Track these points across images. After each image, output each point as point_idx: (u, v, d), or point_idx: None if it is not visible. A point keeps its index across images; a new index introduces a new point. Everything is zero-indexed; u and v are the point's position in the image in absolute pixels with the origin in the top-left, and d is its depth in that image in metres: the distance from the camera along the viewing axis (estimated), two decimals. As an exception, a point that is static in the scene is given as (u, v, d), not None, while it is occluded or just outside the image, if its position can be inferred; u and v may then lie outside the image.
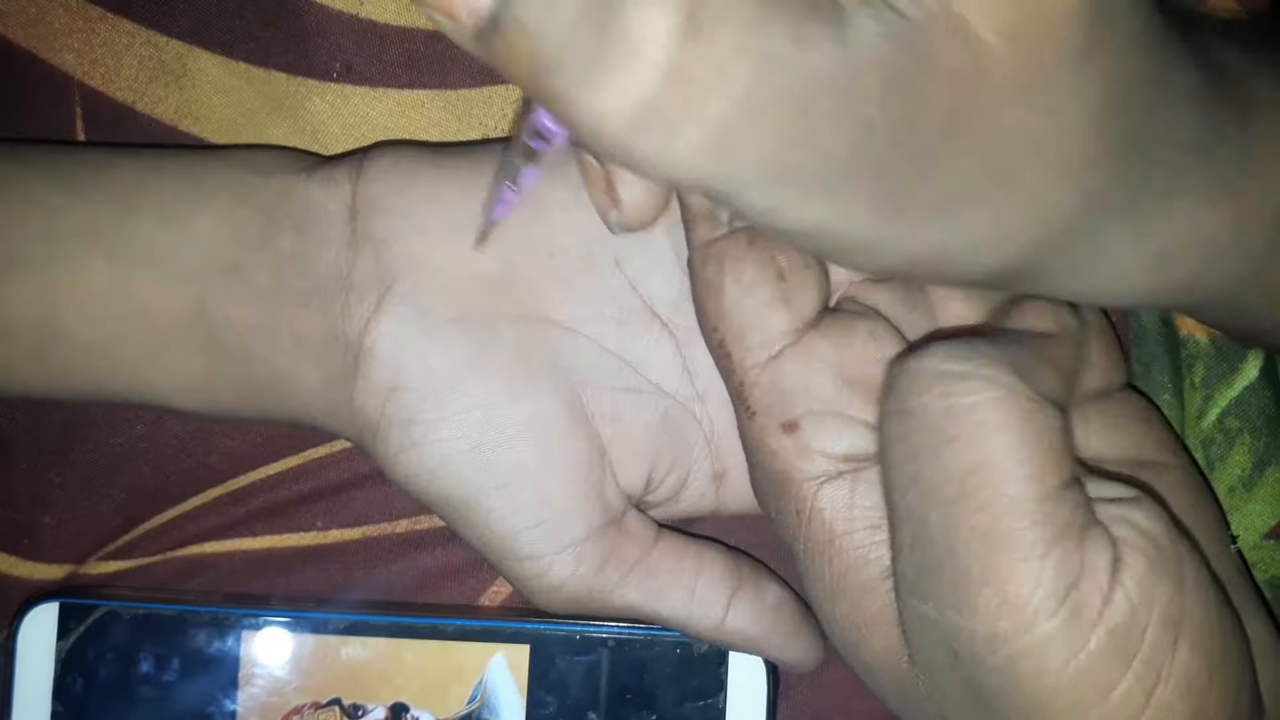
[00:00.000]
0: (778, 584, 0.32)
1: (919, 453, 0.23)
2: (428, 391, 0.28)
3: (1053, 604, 0.22)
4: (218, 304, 0.29)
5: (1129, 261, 0.25)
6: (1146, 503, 0.24)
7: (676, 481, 0.31)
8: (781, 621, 0.31)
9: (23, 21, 0.33)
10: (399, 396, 0.28)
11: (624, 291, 0.30)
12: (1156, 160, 0.23)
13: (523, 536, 0.29)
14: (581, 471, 0.29)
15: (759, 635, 0.31)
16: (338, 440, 0.34)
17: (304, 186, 0.29)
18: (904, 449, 0.24)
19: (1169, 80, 0.23)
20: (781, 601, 0.31)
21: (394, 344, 0.28)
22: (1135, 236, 0.24)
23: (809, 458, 0.26)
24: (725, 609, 0.31)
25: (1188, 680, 0.23)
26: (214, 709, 0.32)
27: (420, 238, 0.29)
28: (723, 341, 0.27)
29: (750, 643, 0.31)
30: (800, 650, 0.31)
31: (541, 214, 0.29)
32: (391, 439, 0.29)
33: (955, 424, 0.23)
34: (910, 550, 0.24)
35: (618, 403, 0.30)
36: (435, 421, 0.28)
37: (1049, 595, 0.22)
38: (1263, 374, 0.34)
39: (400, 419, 0.28)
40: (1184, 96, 0.23)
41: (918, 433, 0.23)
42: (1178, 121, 0.23)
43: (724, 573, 0.31)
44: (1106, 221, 0.23)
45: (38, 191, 0.29)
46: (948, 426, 0.23)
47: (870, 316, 0.27)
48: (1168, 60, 0.23)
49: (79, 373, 0.30)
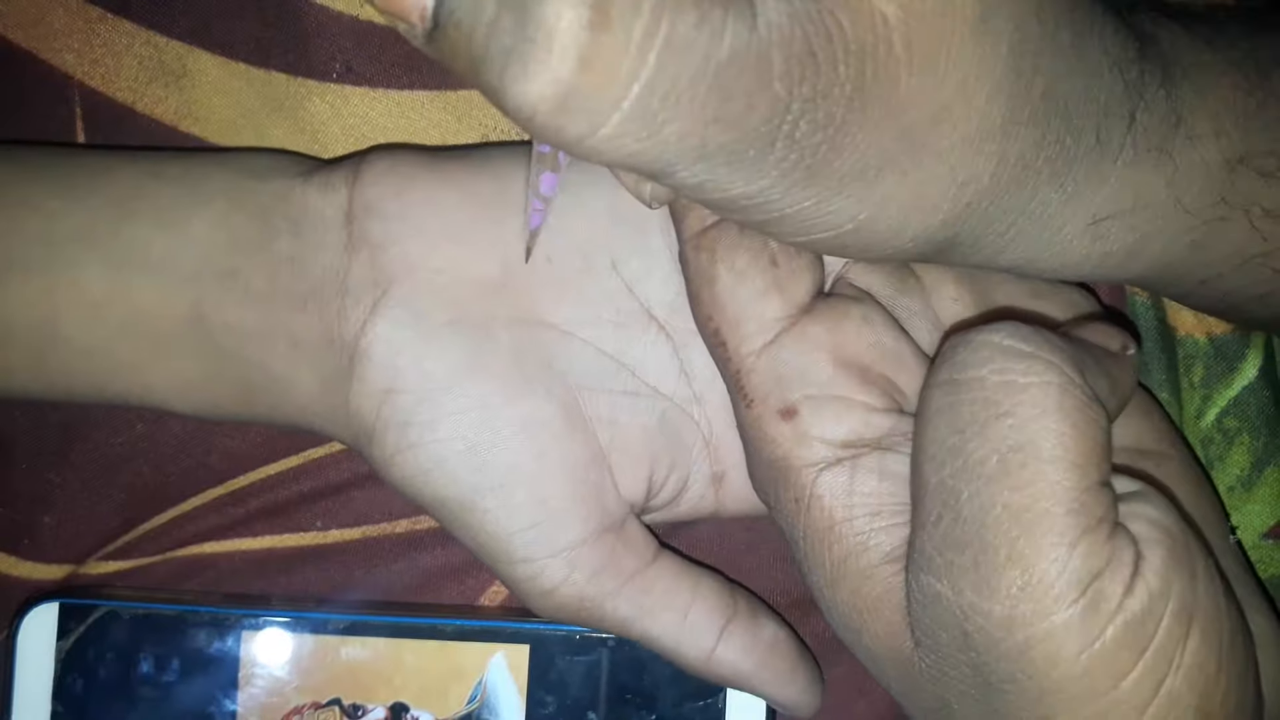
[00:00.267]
0: (776, 622, 0.31)
1: (966, 425, 0.23)
2: (423, 394, 0.28)
3: (1074, 592, 0.22)
4: (214, 308, 0.29)
5: (1066, 229, 0.25)
6: (1155, 495, 0.24)
7: (676, 484, 0.31)
8: (776, 659, 0.31)
9: (22, 22, 0.33)
10: (394, 399, 0.28)
11: (621, 294, 0.30)
12: (1080, 126, 0.24)
13: (517, 539, 0.29)
14: (578, 474, 0.29)
15: (750, 671, 0.31)
16: (337, 440, 0.34)
17: (300, 191, 0.29)
18: (949, 419, 0.24)
19: (1086, 47, 0.24)
20: (778, 640, 0.31)
21: (389, 347, 0.28)
22: (1067, 202, 0.25)
23: (808, 444, 0.26)
24: (717, 639, 0.30)
25: (1197, 670, 0.23)
26: (214, 709, 0.32)
27: (416, 241, 0.29)
28: (718, 330, 0.27)
29: (741, 677, 0.31)
30: (795, 691, 0.31)
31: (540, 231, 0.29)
32: (387, 441, 0.29)
33: (1009, 400, 0.23)
34: (934, 526, 0.24)
35: (615, 405, 0.30)
36: (430, 423, 0.28)
37: (1072, 583, 0.22)
38: (1261, 374, 0.34)
39: (396, 421, 0.28)
40: (1104, 64, 0.24)
41: (967, 404, 0.23)
42: (1099, 87, 0.24)
43: (720, 602, 0.31)
44: (1033, 187, 0.24)
45: (36, 195, 0.29)
46: (1001, 401, 0.23)
47: (863, 301, 0.28)
48: (1084, 28, 0.24)
49: (78, 375, 0.30)
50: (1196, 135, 0.26)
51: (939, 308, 0.29)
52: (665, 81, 0.20)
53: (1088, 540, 0.22)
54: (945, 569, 0.23)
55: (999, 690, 0.23)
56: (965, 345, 0.24)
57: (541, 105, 0.20)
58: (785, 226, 0.24)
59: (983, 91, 0.22)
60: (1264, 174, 0.26)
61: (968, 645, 0.23)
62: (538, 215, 0.28)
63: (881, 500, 0.26)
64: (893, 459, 0.26)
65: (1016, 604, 0.22)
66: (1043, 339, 0.24)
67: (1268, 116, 0.26)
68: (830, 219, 0.23)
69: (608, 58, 0.19)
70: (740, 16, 0.20)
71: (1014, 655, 0.23)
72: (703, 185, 0.22)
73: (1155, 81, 0.25)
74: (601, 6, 0.19)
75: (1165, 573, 0.23)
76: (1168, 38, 0.26)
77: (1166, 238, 0.27)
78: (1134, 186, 0.25)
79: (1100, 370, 0.25)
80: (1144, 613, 0.22)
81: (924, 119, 0.22)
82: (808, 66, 0.21)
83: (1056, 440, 0.23)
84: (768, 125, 0.21)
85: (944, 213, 0.24)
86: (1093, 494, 0.23)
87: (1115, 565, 0.23)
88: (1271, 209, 0.27)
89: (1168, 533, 0.23)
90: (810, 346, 0.27)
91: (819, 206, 0.23)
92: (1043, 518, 0.22)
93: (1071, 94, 0.24)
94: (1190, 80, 0.26)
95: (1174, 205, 0.26)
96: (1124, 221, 0.26)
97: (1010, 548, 0.22)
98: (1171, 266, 0.27)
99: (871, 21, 0.21)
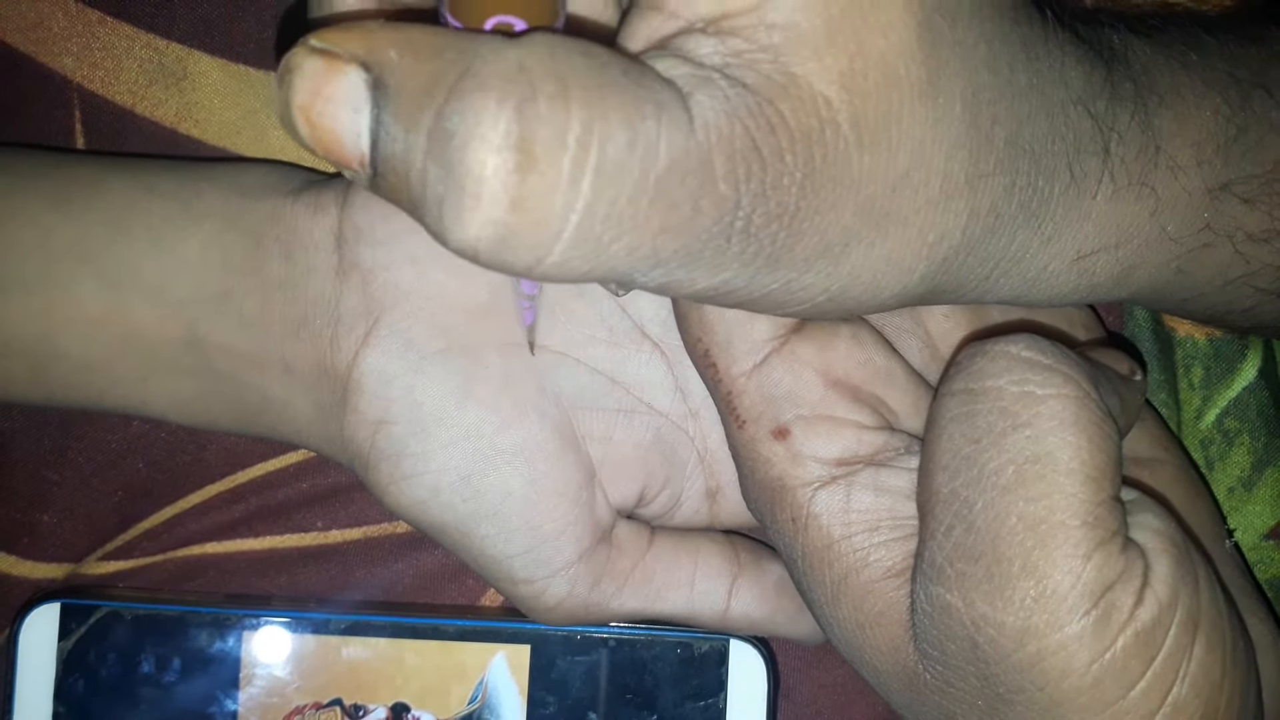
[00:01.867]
0: (779, 562, 0.31)
1: (982, 434, 0.23)
2: (415, 425, 0.28)
3: (1087, 603, 0.22)
4: (209, 331, 0.29)
5: (1051, 266, 0.25)
6: (1154, 503, 0.24)
7: (669, 499, 0.31)
8: (786, 599, 0.31)
9: (22, 25, 0.33)
10: (387, 429, 0.29)
11: (614, 314, 0.30)
12: (1051, 166, 0.23)
13: (516, 562, 0.29)
14: (570, 495, 0.29)
15: (764, 617, 0.31)
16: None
17: (291, 211, 0.29)
18: (965, 429, 0.24)
19: (1046, 86, 0.23)
20: (784, 579, 0.31)
21: (381, 378, 0.28)
22: (1049, 241, 0.24)
23: (802, 464, 0.26)
24: (727, 597, 0.31)
25: (1203, 678, 0.23)
26: (215, 709, 0.32)
27: (408, 268, 0.29)
28: (707, 352, 0.27)
29: (757, 626, 0.31)
30: (810, 624, 0.31)
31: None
32: (382, 471, 0.29)
33: (1027, 411, 0.23)
34: (944, 536, 0.24)
35: (609, 423, 0.30)
36: (423, 454, 0.28)
37: (1085, 594, 0.22)
38: (1261, 374, 0.34)
39: (390, 452, 0.29)
40: (1068, 100, 0.24)
41: (984, 414, 0.23)
42: (1066, 125, 0.24)
43: (722, 562, 0.31)
44: (1010, 232, 0.24)
45: (32, 208, 0.29)
46: (1019, 412, 0.23)
47: (853, 320, 0.28)
48: (1041, 67, 0.23)
49: (76, 388, 0.30)
50: (1178, 166, 0.25)
51: (930, 325, 0.29)
52: (603, 206, 0.19)
53: (1101, 552, 0.22)
54: (956, 580, 0.23)
55: (1007, 701, 0.23)
56: (983, 355, 0.24)
57: (481, 246, 0.19)
58: (759, 306, 0.23)
59: (940, 152, 0.22)
60: (1246, 199, 0.26)
61: (977, 656, 0.23)
62: (529, 313, 0.28)
63: (879, 516, 0.26)
64: (888, 474, 0.26)
65: (1030, 615, 0.22)
66: (1061, 352, 0.24)
67: (1249, 142, 0.26)
68: (803, 295, 0.22)
69: (539, 196, 0.19)
70: (674, 123, 0.19)
71: (1025, 666, 0.23)
72: (666, 286, 0.21)
73: (1127, 112, 0.25)
74: (525, 148, 0.18)
75: (1173, 582, 0.23)
76: (1140, 59, 0.25)
77: (1152, 267, 0.26)
78: (1117, 221, 0.25)
79: (1112, 389, 0.25)
80: (1153, 623, 0.22)
81: (883, 191, 0.21)
82: (753, 162, 0.20)
83: (1074, 453, 0.23)
84: (719, 225, 0.20)
85: (919, 272, 0.23)
86: (1106, 507, 0.23)
87: (1127, 577, 0.23)
88: (1255, 233, 0.26)
89: (1173, 542, 0.23)
90: (801, 366, 0.26)
91: (789, 287, 0.22)
92: (1058, 529, 0.22)
93: (1036, 136, 0.23)
94: (1169, 108, 0.25)
95: (1159, 234, 0.26)
96: (1110, 255, 0.25)
97: (1025, 559, 0.22)
98: (1158, 290, 0.27)
99: (814, 107, 0.20)
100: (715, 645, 0.32)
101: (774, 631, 0.32)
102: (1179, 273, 0.27)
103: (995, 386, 0.24)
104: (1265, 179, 0.26)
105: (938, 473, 0.24)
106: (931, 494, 0.24)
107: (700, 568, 0.31)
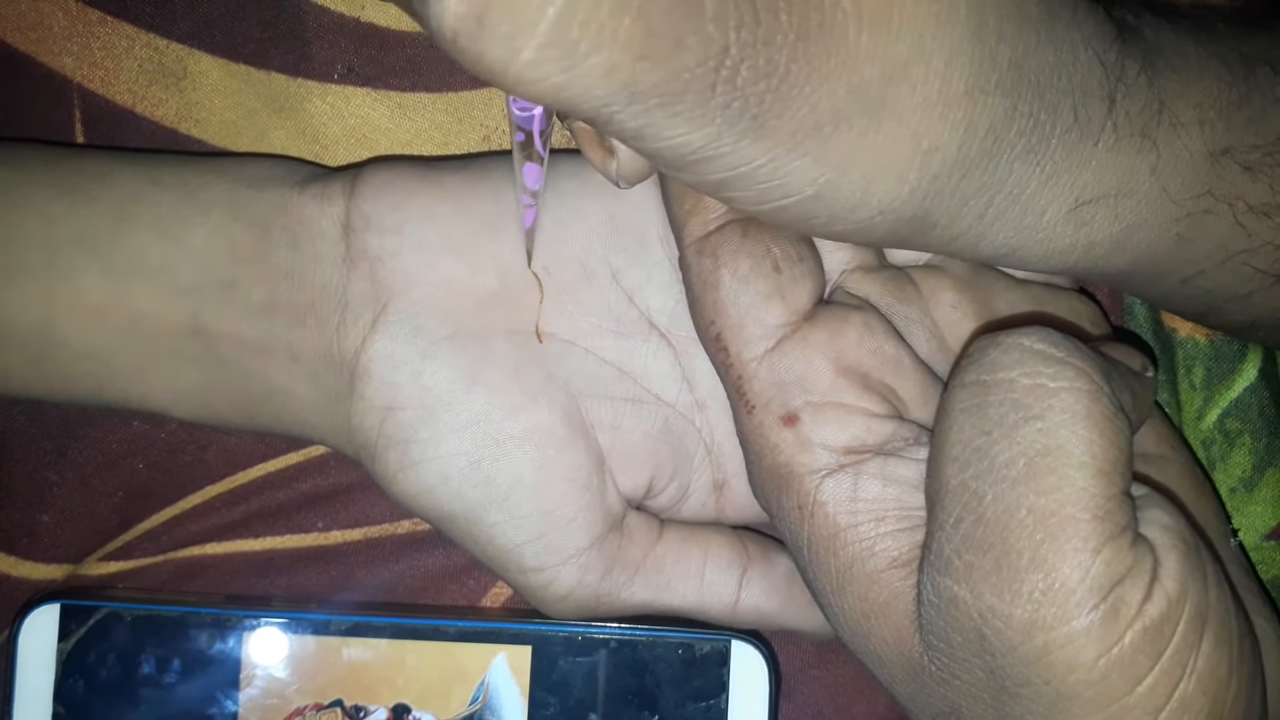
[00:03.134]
0: (788, 555, 0.31)
1: (993, 426, 0.23)
2: (424, 410, 0.28)
3: (1096, 598, 0.22)
4: (214, 319, 0.29)
5: (1048, 212, 0.25)
6: (1163, 499, 0.24)
7: (677, 490, 0.31)
8: (796, 591, 0.31)
9: (22, 25, 0.33)
10: (395, 416, 0.28)
11: (621, 304, 0.30)
12: (1055, 102, 0.24)
13: (526, 549, 0.29)
14: (581, 481, 0.29)
15: (774, 610, 0.31)
16: (337, 439, 0.34)
17: (298, 201, 0.29)
18: (976, 420, 0.24)
19: (1057, 21, 0.24)
20: (793, 572, 0.31)
21: (389, 364, 0.28)
22: (1047, 181, 0.25)
23: (810, 451, 0.26)
24: (737, 590, 0.31)
25: (1210, 674, 0.23)
26: (215, 710, 0.32)
27: (414, 255, 0.29)
28: (720, 335, 0.27)
29: (767, 618, 0.31)
30: (819, 618, 0.31)
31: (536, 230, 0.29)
32: (390, 458, 0.29)
33: (1040, 403, 0.23)
34: (953, 528, 0.24)
35: (617, 412, 0.30)
36: (432, 440, 0.28)
37: (1095, 589, 0.22)
38: (1262, 375, 0.34)
39: (398, 439, 0.29)
40: (1078, 41, 0.24)
41: (996, 406, 0.23)
42: (1074, 65, 0.24)
43: (732, 554, 0.31)
44: (1007, 162, 0.24)
45: (37, 199, 0.29)
46: (1031, 405, 0.23)
47: (863, 308, 0.28)
48: (1057, 6, 0.24)
49: (76, 379, 0.30)
50: (1180, 123, 0.26)
51: (938, 316, 0.29)
52: (583, 7, 0.19)
53: (1111, 547, 0.22)
54: (964, 571, 0.23)
55: (1013, 694, 0.23)
56: (995, 346, 0.24)
57: (461, 27, 0.19)
58: (743, 189, 0.23)
59: (941, 53, 0.22)
60: (1248, 168, 0.26)
61: (984, 649, 0.23)
62: (530, 212, 0.28)
63: (886, 505, 0.26)
64: (896, 464, 0.26)
65: (1038, 608, 0.22)
66: (1074, 345, 0.24)
67: (1251, 110, 0.26)
68: (789, 182, 0.23)
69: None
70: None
71: (1032, 659, 0.23)
72: (643, 132, 0.22)
73: (1135, 67, 0.25)
74: None
75: (1182, 578, 0.23)
76: (1150, 30, 0.26)
77: (1152, 228, 0.26)
78: (1117, 171, 0.25)
79: (1124, 384, 0.25)
80: (1162, 618, 0.22)
81: (878, 76, 0.22)
82: (745, 11, 0.20)
83: (1085, 447, 0.23)
84: (703, 68, 0.20)
85: (910, 182, 0.23)
86: (1117, 502, 0.23)
87: (1136, 572, 0.23)
88: (1255, 204, 0.27)
89: (1182, 538, 0.23)
90: (812, 353, 0.26)
91: (774, 166, 0.22)
92: (1068, 523, 0.22)
93: (1043, 68, 0.23)
94: (1174, 70, 0.26)
95: (1160, 193, 0.26)
96: (1109, 208, 0.26)
97: (1034, 551, 0.22)
98: (1156, 262, 0.27)
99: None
100: (716, 645, 0.32)
101: (784, 625, 0.31)
102: (1179, 240, 0.27)
103: (1007, 378, 0.23)
104: (1267, 150, 0.26)
105: (947, 464, 0.24)
106: (941, 485, 0.24)
107: (710, 559, 0.31)
